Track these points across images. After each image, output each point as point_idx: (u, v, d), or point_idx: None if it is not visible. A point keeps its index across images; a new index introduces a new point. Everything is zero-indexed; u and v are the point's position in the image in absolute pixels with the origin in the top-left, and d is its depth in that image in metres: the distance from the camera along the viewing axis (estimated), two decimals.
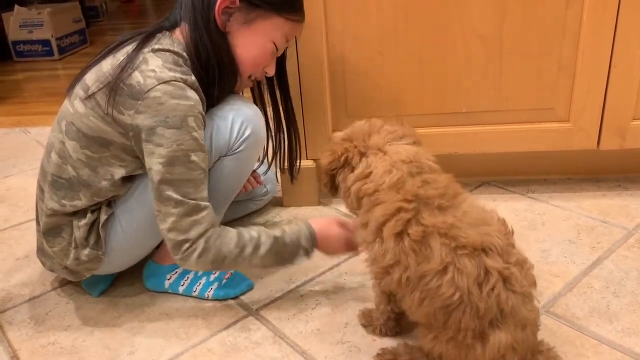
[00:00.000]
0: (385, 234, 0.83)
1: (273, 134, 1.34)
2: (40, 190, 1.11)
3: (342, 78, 1.37)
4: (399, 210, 0.82)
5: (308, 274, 1.22)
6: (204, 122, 1.01)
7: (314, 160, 1.46)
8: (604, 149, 1.38)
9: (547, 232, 1.31)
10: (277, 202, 1.52)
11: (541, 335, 0.90)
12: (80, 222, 1.06)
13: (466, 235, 0.79)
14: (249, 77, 1.13)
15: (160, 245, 1.17)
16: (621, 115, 1.33)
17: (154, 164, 0.96)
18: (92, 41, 4.08)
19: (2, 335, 1.10)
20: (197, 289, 1.16)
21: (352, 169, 0.90)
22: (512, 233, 0.86)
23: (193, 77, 1.01)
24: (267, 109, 1.29)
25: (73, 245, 1.07)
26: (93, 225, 1.07)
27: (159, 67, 0.97)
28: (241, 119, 1.08)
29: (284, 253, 1.05)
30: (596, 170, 1.54)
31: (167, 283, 1.18)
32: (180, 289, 1.17)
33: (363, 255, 1.28)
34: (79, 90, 1.03)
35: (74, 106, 1.03)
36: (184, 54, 1.03)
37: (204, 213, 0.99)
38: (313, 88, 1.37)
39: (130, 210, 1.07)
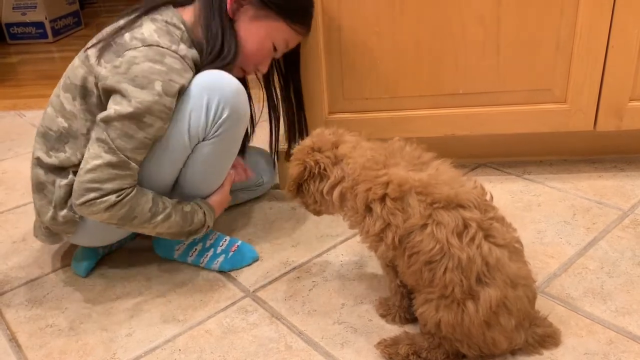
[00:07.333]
0: (372, 205, 0.87)
1: (273, 118, 1.37)
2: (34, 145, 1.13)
3: (339, 60, 1.35)
4: (376, 177, 0.86)
5: (305, 255, 1.22)
6: (178, 92, 1.01)
7: None
8: (600, 130, 1.37)
9: (542, 213, 1.31)
10: (274, 188, 1.52)
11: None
12: (62, 182, 1.07)
13: (440, 192, 0.83)
14: (241, 69, 1.16)
15: None
16: (618, 96, 1.33)
17: (112, 107, 0.98)
18: (86, 23, 4.02)
19: (0, 318, 1.11)
20: (204, 260, 1.19)
21: (326, 178, 0.94)
22: (492, 198, 0.89)
23: (182, 47, 1.04)
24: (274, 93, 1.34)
25: (53, 204, 1.08)
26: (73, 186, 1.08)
27: (149, 31, 1.03)
28: (217, 98, 1.03)
29: (187, 223, 1.10)
30: (592, 152, 1.53)
31: (176, 253, 1.21)
32: (189, 260, 1.21)
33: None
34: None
35: (73, 62, 1.08)
36: (182, 26, 1.08)
37: (129, 172, 1.00)
38: (309, 69, 1.36)
39: None
